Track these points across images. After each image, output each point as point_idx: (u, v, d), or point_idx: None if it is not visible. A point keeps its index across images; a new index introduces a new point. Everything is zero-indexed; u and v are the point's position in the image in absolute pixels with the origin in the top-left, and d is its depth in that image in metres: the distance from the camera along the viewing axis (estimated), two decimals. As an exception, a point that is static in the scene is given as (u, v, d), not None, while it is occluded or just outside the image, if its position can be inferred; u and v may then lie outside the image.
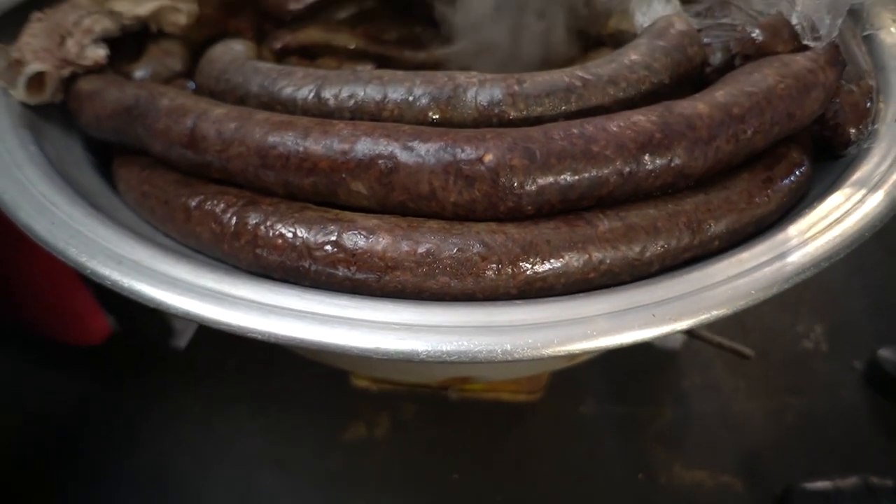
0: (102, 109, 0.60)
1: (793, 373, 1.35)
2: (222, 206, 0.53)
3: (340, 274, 0.49)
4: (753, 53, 0.61)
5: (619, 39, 0.84)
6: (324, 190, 0.53)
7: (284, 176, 0.53)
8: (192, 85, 0.73)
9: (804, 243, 0.49)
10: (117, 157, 0.64)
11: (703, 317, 0.44)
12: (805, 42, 0.60)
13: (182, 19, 0.79)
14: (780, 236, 0.50)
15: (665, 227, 0.51)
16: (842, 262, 0.48)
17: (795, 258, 0.47)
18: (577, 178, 0.50)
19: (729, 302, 0.45)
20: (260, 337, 0.43)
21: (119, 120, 0.59)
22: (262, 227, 0.51)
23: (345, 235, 0.50)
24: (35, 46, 0.65)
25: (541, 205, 0.51)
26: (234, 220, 0.52)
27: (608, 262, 0.50)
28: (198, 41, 0.82)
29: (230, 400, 1.31)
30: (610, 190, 0.51)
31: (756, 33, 0.61)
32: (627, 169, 0.50)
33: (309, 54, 1.01)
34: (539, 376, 1.28)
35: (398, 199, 0.52)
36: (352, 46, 1.04)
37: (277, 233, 0.51)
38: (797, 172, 0.56)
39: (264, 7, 0.98)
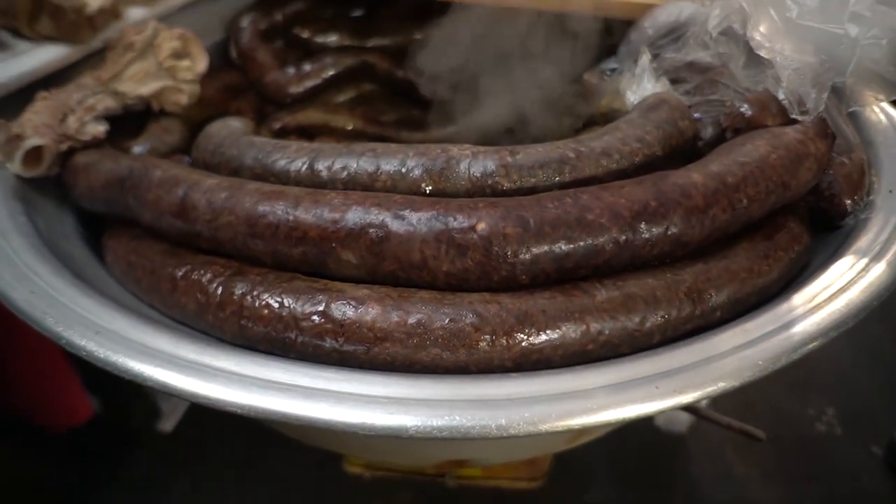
0: (96, 180, 0.60)
1: (808, 458, 1.29)
2: (209, 275, 0.52)
3: (328, 345, 0.47)
4: (744, 127, 0.62)
5: (610, 118, 0.85)
6: (313, 259, 0.52)
7: (273, 245, 0.52)
8: (188, 160, 0.74)
9: (810, 312, 0.47)
10: (108, 229, 0.63)
11: (710, 389, 0.42)
12: (793, 116, 0.61)
13: (184, 99, 0.80)
14: (784, 306, 0.48)
15: (665, 297, 0.50)
16: (849, 342, 0.46)
17: (802, 328, 0.45)
18: (572, 246, 0.49)
19: (736, 373, 0.42)
20: (240, 411, 0.41)
21: (111, 190, 0.59)
22: (249, 297, 0.50)
23: (333, 305, 0.48)
24: (36, 122, 0.66)
25: (536, 274, 0.49)
26: (220, 290, 0.51)
27: (607, 332, 0.48)
28: (198, 120, 0.84)
29: (217, 486, 1.24)
30: (606, 259, 0.50)
31: (745, 108, 0.62)
32: (623, 237, 0.49)
33: (307, 134, 1.03)
34: (540, 462, 1.22)
35: (389, 269, 0.50)
36: (350, 127, 1.06)
37: (264, 303, 0.49)
38: (796, 242, 0.55)
39: (264, 91, 1.02)
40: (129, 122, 0.79)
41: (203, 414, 0.41)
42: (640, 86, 0.75)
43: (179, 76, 0.80)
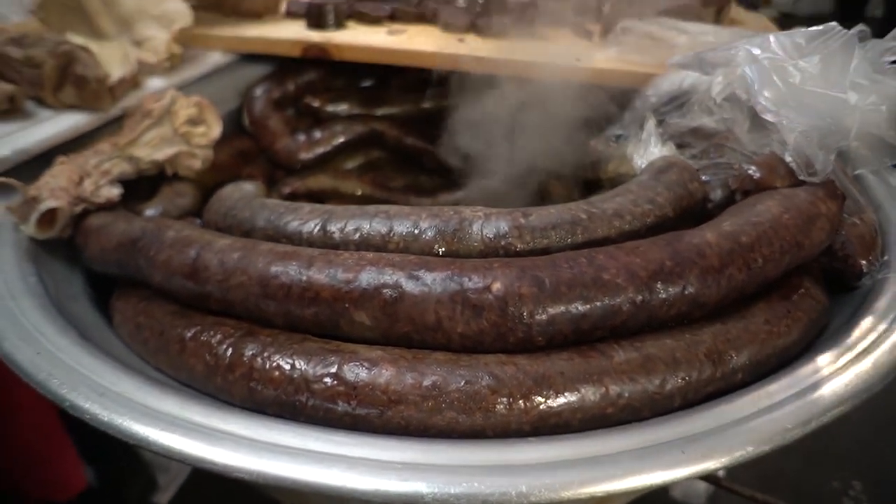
0: (108, 242, 0.61)
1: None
2: (219, 336, 0.51)
3: (340, 409, 0.46)
4: (753, 189, 0.63)
5: (617, 183, 0.86)
6: (325, 321, 0.51)
7: (285, 306, 0.51)
8: (200, 223, 0.74)
9: (836, 374, 0.46)
10: (117, 291, 0.63)
11: (738, 454, 0.40)
12: (801, 178, 0.61)
13: (197, 164, 0.82)
14: (808, 367, 0.47)
15: (685, 359, 0.48)
16: (871, 412, 0.45)
17: (831, 389, 0.44)
18: (588, 306, 0.48)
19: (765, 437, 0.41)
20: (248, 477, 0.39)
21: (123, 252, 0.59)
22: (259, 359, 0.49)
23: (346, 367, 0.47)
24: (53, 185, 0.67)
25: (552, 335, 0.48)
26: (229, 352, 0.50)
27: (627, 395, 0.47)
28: (210, 184, 0.85)
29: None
30: (623, 319, 0.49)
31: (753, 170, 0.62)
32: (640, 297, 0.49)
33: (317, 200, 1.04)
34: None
35: (403, 331, 0.49)
36: (359, 193, 1.08)
37: (274, 364, 0.48)
38: (814, 302, 0.55)
39: (275, 157, 1.04)
40: (142, 185, 0.81)
41: (201, 488, 0.39)
42: (647, 150, 0.77)
43: (194, 142, 0.81)
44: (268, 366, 0.48)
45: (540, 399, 0.45)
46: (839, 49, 0.55)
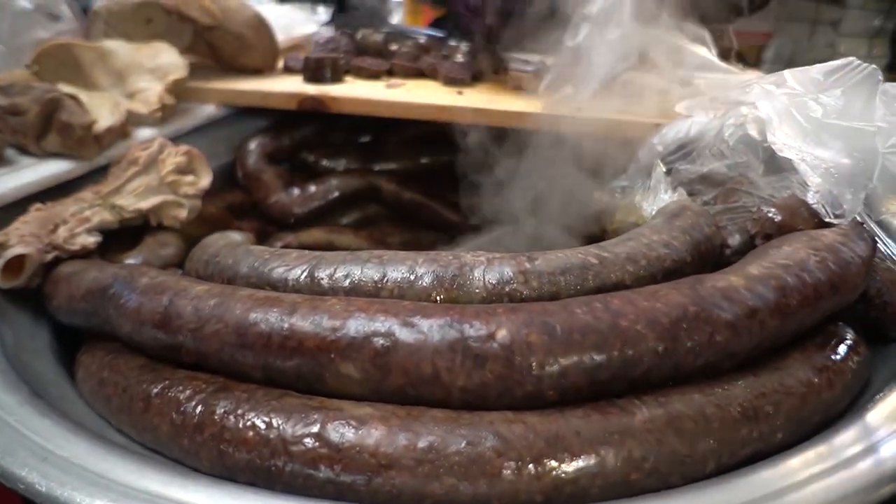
0: (77, 290, 0.56)
1: None
2: (188, 392, 0.45)
3: (322, 475, 0.40)
4: (774, 232, 0.58)
5: (624, 232, 0.83)
6: (309, 374, 0.45)
7: (264, 357, 0.46)
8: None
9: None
10: (85, 344, 0.57)
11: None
12: (826, 220, 0.57)
13: (183, 214, 0.78)
14: (859, 426, 0.41)
15: (716, 416, 0.42)
16: None
17: (892, 452, 0.38)
18: (605, 356, 0.43)
19: (824, 508, 0.35)
20: (206, 560, 0.33)
21: (92, 300, 0.54)
22: (232, 417, 0.43)
23: (330, 426, 0.41)
24: (23, 231, 0.63)
25: (565, 389, 0.43)
26: (199, 409, 0.44)
27: (652, 459, 0.41)
28: (197, 236, 0.80)
29: None
30: (645, 371, 0.43)
31: (773, 213, 0.58)
32: (663, 346, 0.43)
33: (311, 254, 1.00)
34: None
35: (396, 385, 0.44)
36: (354, 247, 1.04)
37: (249, 423, 0.42)
38: (854, 352, 0.49)
39: (269, 211, 1.00)
40: (125, 235, 0.76)
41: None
42: (657, 197, 0.73)
43: (181, 191, 0.78)
44: (241, 425, 0.42)
45: (553, 463, 0.39)
46: (862, 82, 0.53)
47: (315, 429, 0.41)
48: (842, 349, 0.49)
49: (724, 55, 1.10)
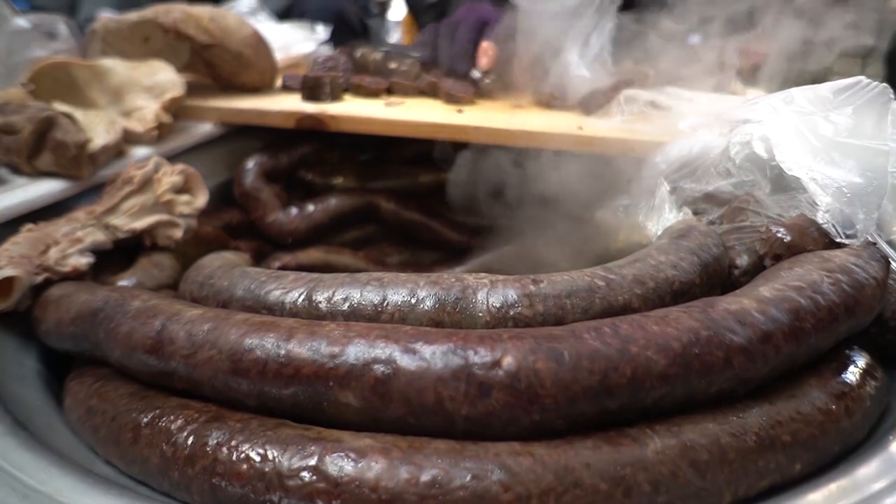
0: (66, 313, 0.54)
1: None
2: (180, 422, 0.43)
3: (319, 511, 0.37)
4: (783, 253, 0.57)
5: (629, 252, 0.81)
6: (306, 402, 0.43)
7: (260, 385, 0.44)
8: (176, 296, 0.68)
9: (921, 465, 0.38)
10: (74, 370, 0.55)
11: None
12: (837, 240, 0.56)
13: (178, 234, 0.76)
14: (884, 457, 0.39)
15: (732, 446, 0.41)
16: None
17: (919, 484, 0.36)
18: (615, 384, 0.41)
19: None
20: None
21: (82, 324, 0.52)
22: (225, 449, 0.41)
23: (328, 459, 0.39)
24: (13, 253, 0.61)
25: (574, 418, 0.41)
26: (190, 440, 0.42)
27: (666, 492, 0.39)
28: (192, 257, 0.79)
29: None
30: (657, 399, 0.42)
31: (782, 233, 0.57)
32: (675, 372, 0.42)
33: (308, 274, 0.98)
34: None
35: (397, 414, 0.42)
36: (352, 267, 1.02)
37: (243, 455, 0.40)
38: (872, 377, 0.48)
39: (266, 230, 0.99)
40: (120, 256, 0.75)
41: None
42: (661, 217, 0.72)
43: (177, 210, 0.76)
44: (235, 457, 0.40)
45: (563, 498, 0.37)
46: (873, 100, 0.52)
47: (312, 461, 0.39)
48: (859, 374, 0.47)
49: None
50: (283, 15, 1.57)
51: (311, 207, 1.01)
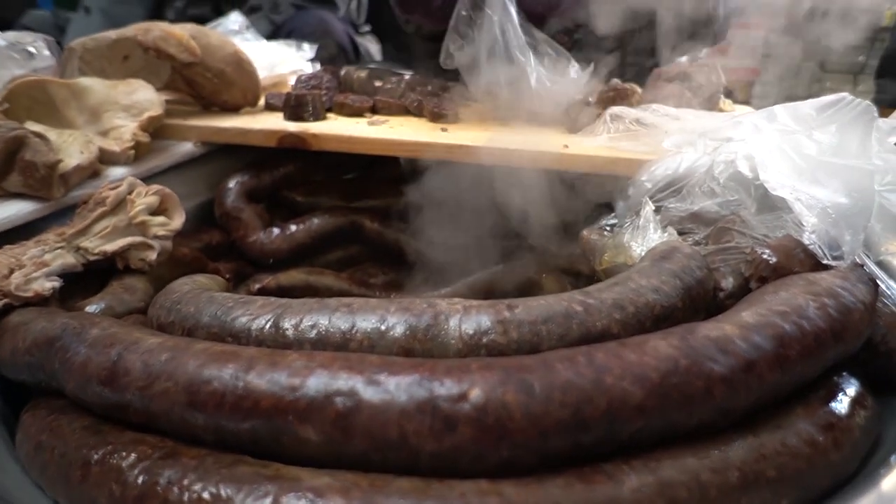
0: (23, 341, 0.52)
1: None
2: (132, 458, 0.41)
3: (272, 557, 0.35)
4: (769, 275, 0.55)
5: (614, 274, 0.79)
6: (265, 437, 0.41)
7: (216, 419, 0.42)
8: (146, 321, 0.66)
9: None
10: (31, 402, 0.53)
11: None
12: (824, 262, 0.54)
13: (152, 256, 0.74)
14: (877, 495, 0.37)
15: (713, 483, 0.39)
16: None
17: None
18: (589, 417, 0.39)
19: None
20: None
21: (38, 353, 0.50)
22: (176, 489, 0.39)
23: (284, 499, 0.37)
24: (-27, 278, 0.59)
25: (546, 453, 0.39)
26: (141, 479, 0.40)
27: (644, 534, 0.36)
28: (167, 279, 0.77)
29: None
30: (633, 433, 0.39)
31: (768, 254, 0.55)
32: (652, 404, 0.40)
33: (288, 296, 0.96)
34: None
35: (359, 449, 0.40)
36: (335, 288, 1.00)
37: (195, 496, 0.38)
38: (861, 406, 0.45)
39: (247, 250, 0.96)
40: (93, 279, 0.73)
41: None
42: (646, 237, 0.70)
43: (151, 232, 0.74)
44: (186, 497, 0.38)
45: (532, 542, 0.35)
46: (857, 118, 0.50)
47: (267, 502, 0.37)
48: (847, 403, 0.45)
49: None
50: (272, 34, 1.56)
51: (293, 227, 0.98)
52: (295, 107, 0.99)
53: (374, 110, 1.08)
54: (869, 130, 0.50)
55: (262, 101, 1.10)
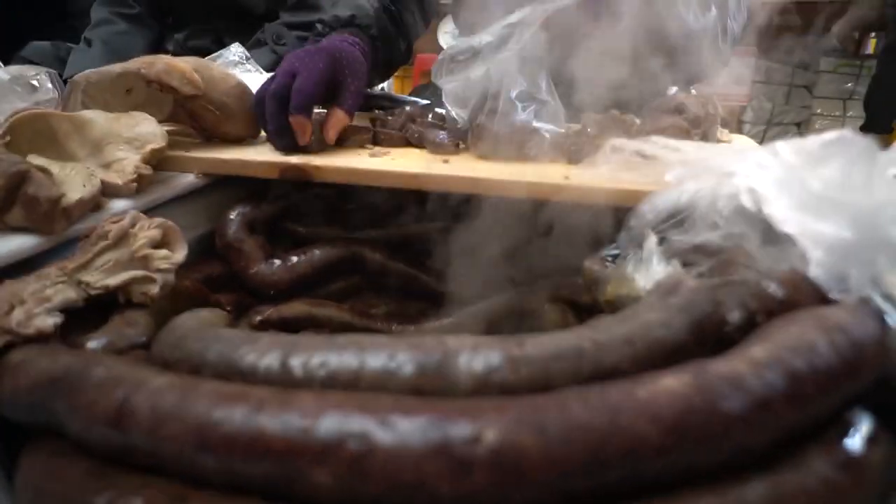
0: (24, 381, 0.51)
1: None
2: (139, 503, 0.40)
3: None
4: (777, 310, 0.55)
5: (617, 306, 0.79)
6: (277, 480, 0.40)
7: (228, 463, 0.41)
8: (149, 357, 0.65)
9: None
10: (30, 443, 0.52)
11: None
12: (831, 296, 0.54)
13: (154, 290, 0.74)
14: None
15: (734, 525, 0.38)
16: None
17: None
18: (608, 459, 0.38)
19: None
20: None
21: (39, 394, 0.49)
22: (185, 537, 0.38)
23: (297, 546, 0.36)
24: (-25, 315, 0.58)
25: (564, 496, 0.38)
26: (148, 527, 0.39)
27: (666, 580, 0.36)
28: (169, 313, 0.76)
29: None
30: (653, 474, 0.39)
31: (775, 288, 0.55)
32: (670, 443, 0.39)
33: (291, 329, 0.95)
34: None
35: (374, 492, 0.39)
36: (337, 319, 0.99)
37: (205, 545, 0.37)
38: (877, 444, 0.45)
39: (249, 282, 0.96)
40: (94, 313, 0.72)
41: None
42: (650, 270, 0.70)
43: (154, 266, 0.74)
44: (196, 546, 0.37)
45: (553, 590, 0.34)
46: (861, 154, 0.51)
47: (281, 550, 0.36)
48: (864, 441, 0.45)
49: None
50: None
51: (294, 259, 0.98)
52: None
53: (376, 142, 1.09)
54: (872, 167, 0.51)
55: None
